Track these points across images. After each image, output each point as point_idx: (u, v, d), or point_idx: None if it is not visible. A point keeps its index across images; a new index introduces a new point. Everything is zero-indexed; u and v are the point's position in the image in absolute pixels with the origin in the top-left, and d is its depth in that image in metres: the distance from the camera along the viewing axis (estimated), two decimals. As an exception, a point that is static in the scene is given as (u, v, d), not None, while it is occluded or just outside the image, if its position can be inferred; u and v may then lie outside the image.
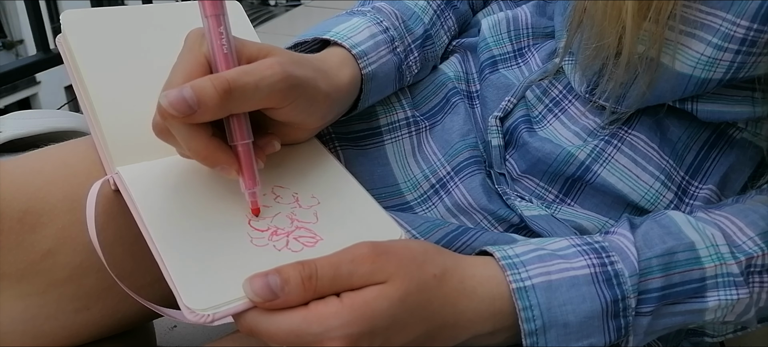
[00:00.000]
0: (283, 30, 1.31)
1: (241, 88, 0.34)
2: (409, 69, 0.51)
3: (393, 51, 0.49)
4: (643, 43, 0.40)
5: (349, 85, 0.45)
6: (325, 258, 0.33)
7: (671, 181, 0.45)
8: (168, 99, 0.33)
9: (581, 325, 0.36)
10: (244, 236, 0.37)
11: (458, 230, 0.44)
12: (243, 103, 0.35)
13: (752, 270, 0.39)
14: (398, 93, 0.53)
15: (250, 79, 0.35)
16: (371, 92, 0.48)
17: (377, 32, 0.48)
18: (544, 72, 0.50)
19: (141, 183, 0.39)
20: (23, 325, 0.41)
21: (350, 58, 0.45)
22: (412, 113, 0.52)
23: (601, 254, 0.38)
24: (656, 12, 0.38)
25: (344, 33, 0.46)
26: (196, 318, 0.32)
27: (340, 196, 0.42)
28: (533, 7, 0.56)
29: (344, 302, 0.32)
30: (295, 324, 0.32)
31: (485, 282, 0.37)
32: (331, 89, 0.42)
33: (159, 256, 0.35)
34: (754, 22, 0.37)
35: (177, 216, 0.37)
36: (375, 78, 0.47)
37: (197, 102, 0.33)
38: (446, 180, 0.50)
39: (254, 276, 0.32)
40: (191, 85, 0.33)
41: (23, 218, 0.40)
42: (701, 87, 0.41)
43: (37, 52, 1.16)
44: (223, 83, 0.33)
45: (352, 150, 0.50)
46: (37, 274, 0.40)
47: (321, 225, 0.39)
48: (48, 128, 0.59)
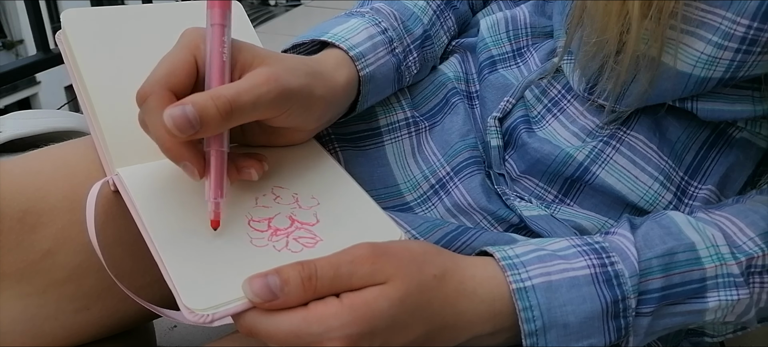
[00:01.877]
0: (283, 30, 1.31)
1: (241, 108, 0.35)
2: (408, 69, 0.51)
3: (392, 52, 0.49)
4: (643, 42, 0.40)
5: (345, 87, 0.45)
6: (325, 259, 0.33)
7: (670, 181, 0.45)
8: (172, 119, 0.33)
9: (581, 325, 0.36)
10: (244, 237, 0.37)
11: (458, 231, 0.44)
12: (240, 120, 0.36)
13: (752, 270, 0.39)
14: (398, 93, 0.53)
15: (248, 97, 0.35)
16: (370, 93, 0.48)
17: (375, 33, 0.48)
18: (543, 71, 0.50)
19: (140, 184, 0.39)
20: (23, 325, 0.41)
21: (347, 60, 0.45)
22: (411, 114, 0.52)
23: (601, 255, 0.38)
24: (658, 10, 0.38)
25: (342, 35, 0.46)
26: (196, 319, 0.32)
27: (340, 197, 0.42)
28: (532, 7, 0.56)
29: (344, 302, 0.32)
30: (294, 325, 0.32)
31: (485, 283, 0.37)
32: (326, 92, 0.42)
33: (158, 257, 0.35)
34: (755, 21, 0.37)
35: (176, 217, 0.37)
36: (373, 80, 0.47)
37: (200, 122, 0.33)
38: (446, 181, 0.50)
39: (254, 277, 0.32)
40: (194, 104, 0.33)
41: (23, 218, 0.40)
42: (701, 86, 0.41)
43: (37, 52, 1.16)
44: (226, 105, 0.34)
45: (352, 151, 0.50)
46: (36, 274, 0.40)
47: (321, 226, 0.39)
48: (48, 128, 0.59)
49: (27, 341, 0.41)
